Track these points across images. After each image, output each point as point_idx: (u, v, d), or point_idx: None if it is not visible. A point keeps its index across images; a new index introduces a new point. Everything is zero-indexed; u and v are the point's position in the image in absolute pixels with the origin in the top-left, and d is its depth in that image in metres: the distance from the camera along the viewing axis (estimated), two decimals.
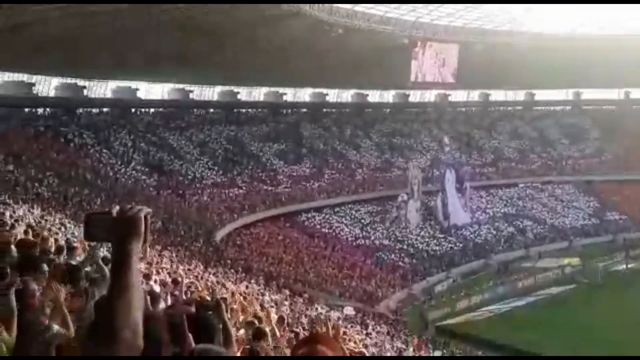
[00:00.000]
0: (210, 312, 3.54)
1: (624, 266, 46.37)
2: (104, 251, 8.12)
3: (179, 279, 11.11)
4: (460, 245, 50.06)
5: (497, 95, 72.60)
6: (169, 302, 6.69)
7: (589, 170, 63.14)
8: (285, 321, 10.55)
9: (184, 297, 8.43)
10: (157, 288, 8.77)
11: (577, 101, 73.25)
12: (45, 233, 11.56)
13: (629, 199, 58.08)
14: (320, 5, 47.24)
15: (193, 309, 3.41)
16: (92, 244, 6.83)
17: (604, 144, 67.38)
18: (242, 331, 7.79)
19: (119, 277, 1.84)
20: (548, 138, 68.10)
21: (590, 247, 51.24)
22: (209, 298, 9.19)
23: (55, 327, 3.72)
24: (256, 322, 7.93)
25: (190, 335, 2.42)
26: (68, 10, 32.21)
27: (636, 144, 64.06)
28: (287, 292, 30.30)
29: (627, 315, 34.23)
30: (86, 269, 5.97)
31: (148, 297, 4.46)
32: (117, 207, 1.94)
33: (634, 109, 70.11)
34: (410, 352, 26.44)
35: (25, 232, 10.16)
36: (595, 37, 58.31)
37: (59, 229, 16.71)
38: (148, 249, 14.04)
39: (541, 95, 72.79)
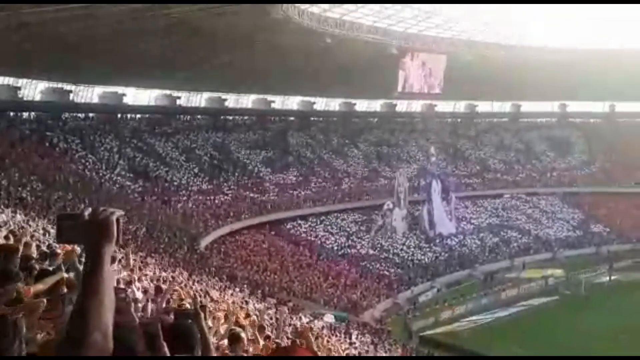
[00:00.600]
0: (190, 321, 3.51)
1: (608, 278, 46.63)
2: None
3: (162, 287, 11.05)
4: (445, 255, 50.21)
5: (483, 106, 73.13)
6: (149, 309, 6.65)
7: (573, 182, 63.72)
8: (266, 330, 10.50)
9: (164, 305, 8.37)
10: (139, 295, 8.72)
11: (563, 114, 73.97)
12: (28, 238, 11.44)
13: (613, 211, 58.57)
14: (310, 14, 47.37)
15: (171, 318, 3.40)
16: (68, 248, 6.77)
17: (589, 156, 68.04)
18: (225, 341, 7.73)
19: (90, 280, 1.84)
20: (533, 150, 68.63)
21: (574, 258, 51.60)
22: (189, 306, 9.14)
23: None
24: (237, 330, 7.88)
25: (165, 344, 2.40)
26: (56, 14, 32.02)
27: (621, 157, 64.78)
28: (272, 300, 30.26)
29: (608, 327, 34.47)
30: (65, 275, 5.91)
31: (132, 304, 4.44)
32: (89, 210, 1.93)
33: (619, 122, 70.81)
34: None
35: (6, 238, 10.04)
36: (582, 51, 58.86)
37: (43, 234, 16.55)
38: (131, 256, 13.93)
39: (527, 107, 73.41)
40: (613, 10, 51.40)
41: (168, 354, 2.40)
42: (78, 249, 7.15)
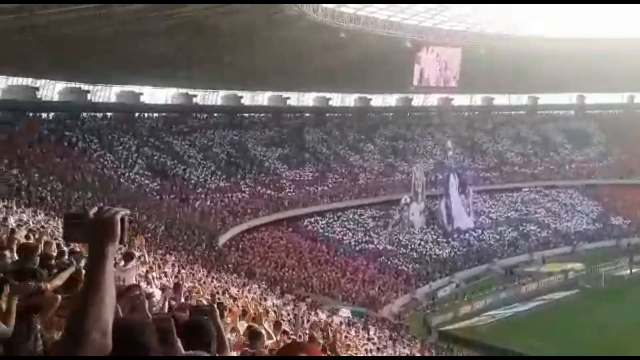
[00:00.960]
0: (205, 317, 3.53)
1: (628, 271, 46.14)
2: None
3: (180, 283, 11.14)
4: (464, 249, 49.98)
5: (500, 99, 72.61)
6: (167, 306, 6.70)
7: (592, 174, 63.08)
8: (282, 326, 10.54)
9: (182, 301, 8.44)
10: (157, 292, 8.79)
11: (581, 105, 73.17)
12: (48, 237, 11.58)
13: (632, 203, 57.91)
14: (324, 9, 47.30)
15: (186, 314, 3.43)
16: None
17: (608, 148, 67.27)
18: (243, 337, 7.77)
19: (92, 278, 1.87)
20: (551, 142, 68.00)
21: (594, 251, 51.09)
22: (206, 303, 9.19)
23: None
24: (257, 326, 7.92)
25: (179, 340, 2.43)
26: (73, 14, 32.26)
27: (636, 149, 63.90)
28: (290, 296, 30.34)
29: (629, 321, 34.14)
30: (84, 272, 5.99)
31: (146, 302, 4.48)
32: (95, 208, 1.96)
33: (638, 114, 69.94)
34: None
35: (27, 237, 10.18)
36: (600, 42, 58.17)
37: None
38: (146, 254, 14.02)
39: (545, 99, 72.73)
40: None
41: (182, 350, 2.43)
42: None
